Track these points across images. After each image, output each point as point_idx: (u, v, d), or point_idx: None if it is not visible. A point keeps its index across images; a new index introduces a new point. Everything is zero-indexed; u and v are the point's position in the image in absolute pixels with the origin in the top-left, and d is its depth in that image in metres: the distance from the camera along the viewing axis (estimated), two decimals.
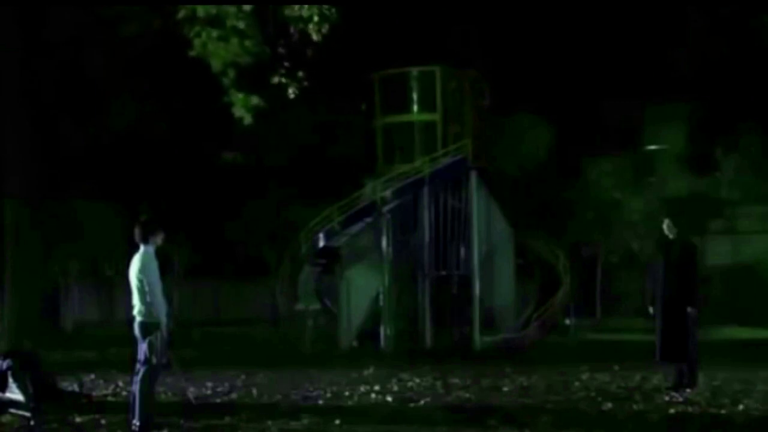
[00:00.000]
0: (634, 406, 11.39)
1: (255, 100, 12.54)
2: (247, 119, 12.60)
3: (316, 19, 12.23)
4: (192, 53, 12.24)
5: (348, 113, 33.31)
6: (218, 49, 12.06)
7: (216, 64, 12.22)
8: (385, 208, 26.03)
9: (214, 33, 11.97)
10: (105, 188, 31.65)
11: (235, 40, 12.04)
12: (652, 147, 37.98)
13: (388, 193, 26.11)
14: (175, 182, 33.46)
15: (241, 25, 12.00)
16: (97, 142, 27.56)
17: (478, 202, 26.49)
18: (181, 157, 32.54)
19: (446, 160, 26.58)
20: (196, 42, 12.12)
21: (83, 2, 14.63)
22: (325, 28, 12.27)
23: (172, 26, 12.64)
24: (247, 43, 12.12)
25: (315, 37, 12.32)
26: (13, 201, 12.76)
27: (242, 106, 12.50)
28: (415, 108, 27.84)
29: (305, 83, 12.94)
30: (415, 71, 27.93)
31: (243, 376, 15.70)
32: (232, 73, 12.28)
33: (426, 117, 27.57)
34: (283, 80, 12.88)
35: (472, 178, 26.47)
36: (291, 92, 12.93)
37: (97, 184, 31.13)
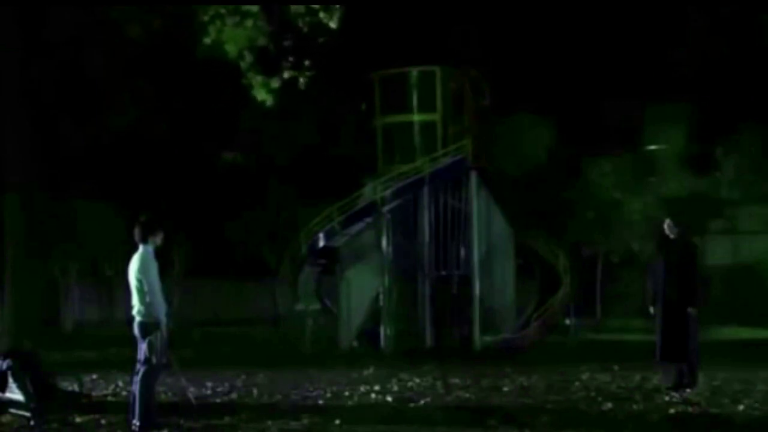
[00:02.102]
0: (634, 406, 11.39)
1: (275, 82, 12.57)
2: (269, 101, 12.63)
3: (322, 14, 12.26)
4: (207, 40, 12.23)
5: (348, 113, 33.28)
6: (233, 34, 12.06)
7: (232, 49, 12.23)
8: (385, 208, 26.04)
9: (229, 21, 11.98)
10: (105, 188, 31.60)
11: (249, 22, 12.04)
12: (652, 147, 37.91)
13: (388, 193, 26.12)
14: (175, 182, 33.43)
15: (254, 8, 12.01)
16: (97, 142, 27.50)
17: (478, 202, 26.51)
18: (181, 157, 32.50)
19: (446, 160, 26.59)
20: (211, 28, 12.12)
21: (83, 2, 14.61)
22: (336, 14, 12.31)
23: (172, 26, 12.64)
24: (261, 23, 12.13)
25: (333, 24, 12.34)
26: (12, 200, 12.75)
27: (262, 89, 12.52)
28: (415, 108, 27.82)
29: (313, 72, 12.96)
30: (415, 71, 27.92)
31: (243, 376, 15.70)
32: (249, 56, 12.30)
33: (426, 117, 27.55)
34: (293, 73, 12.90)
35: (472, 178, 26.48)
36: (302, 83, 12.96)
37: (97, 184, 31.07)
